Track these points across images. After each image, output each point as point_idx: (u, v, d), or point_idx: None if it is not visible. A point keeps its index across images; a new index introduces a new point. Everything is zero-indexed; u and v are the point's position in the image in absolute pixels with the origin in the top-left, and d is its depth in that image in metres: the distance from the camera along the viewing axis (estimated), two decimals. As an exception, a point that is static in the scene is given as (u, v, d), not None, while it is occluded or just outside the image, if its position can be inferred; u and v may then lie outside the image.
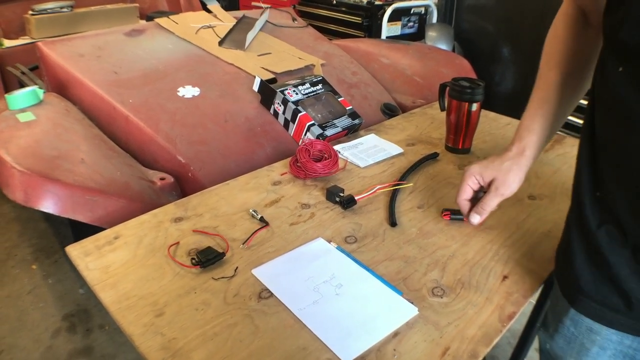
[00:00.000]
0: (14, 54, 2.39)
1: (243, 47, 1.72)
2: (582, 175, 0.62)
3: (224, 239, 0.84)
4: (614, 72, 0.54)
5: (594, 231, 0.60)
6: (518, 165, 0.76)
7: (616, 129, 0.56)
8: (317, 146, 1.07)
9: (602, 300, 0.62)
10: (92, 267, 0.78)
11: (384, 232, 0.87)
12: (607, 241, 0.59)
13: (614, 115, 0.56)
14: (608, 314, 0.62)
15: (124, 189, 1.05)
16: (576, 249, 0.64)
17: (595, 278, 0.62)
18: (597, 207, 0.60)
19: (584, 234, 0.63)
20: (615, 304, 0.60)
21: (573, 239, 0.65)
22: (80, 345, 1.72)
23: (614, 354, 0.65)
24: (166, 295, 0.72)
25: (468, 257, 0.81)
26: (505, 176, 0.77)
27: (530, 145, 0.76)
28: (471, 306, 0.71)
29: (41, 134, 1.13)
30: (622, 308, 0.60)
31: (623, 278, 0.58)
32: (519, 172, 0.77)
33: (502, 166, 0.77)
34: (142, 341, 0.65)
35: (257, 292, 0.73)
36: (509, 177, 0.77)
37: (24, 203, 0.95)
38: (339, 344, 0.64)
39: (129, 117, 1.30)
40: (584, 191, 0.62)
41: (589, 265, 0.63)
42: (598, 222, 0.60)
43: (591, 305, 0.63)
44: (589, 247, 0.62)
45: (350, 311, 0.69)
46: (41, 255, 2.15)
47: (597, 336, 0.65)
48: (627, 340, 0.63)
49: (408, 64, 1.87)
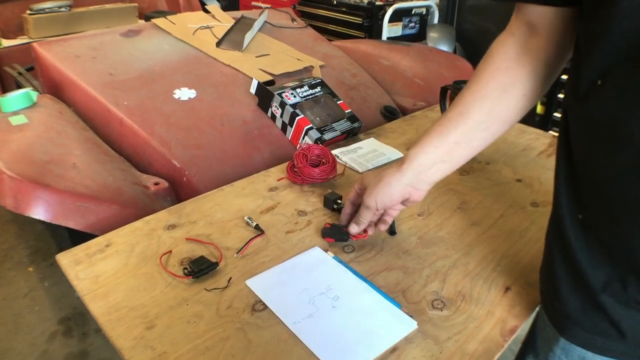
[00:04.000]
0: (11, 53, 2.37)
1: (241, 48, 1.70)
2: (561, 197, 0.58)
3: (217, 247, 0.82)
4: (593, 87, 0.49)
5: (577, 255, 0.57)
6: (391, 178, 0.72)
7: (597, 150, 0.51)
8: (315, 151, 1.05)
9: (592, 328, 0.58)
10: (82, 276, 0.76)
11: (382, 241, 0.85)
12: (591, 266, 0.56)
13: (594, 134, 0.51)
14: (599, 341, 0.58)
15: (117, 194, 1.03)
16: (560, 273, 0.60)
17: (583, 305, 0.58)
18: (580, 230, 0.57)
19: (567, 258, 0.59)
20: (607, 331, 0.57)
21: (556, 260, 0.61)
22: (76, 349, 1.70)
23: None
24: (157, 306, 0.70)
25: (469, 268, 0.79)
26: (374, 187, 0.74)
27: (409, 159, 0.71)
28: (472, 320, 0.69)
29: (33, 138, 1.11)
30: (613, 335, 0.56)
31: (608, 306, 0.55)
32: (390, 186, 0.72)
33: (378, 176, 0.74)
34: (131, 355, 0.63)
35: (250, 304, 0.70)
36: (376, 189, 0.73)
37: (14, 210, 0.93)
38: (335, 360, 0.61)
39: (123, 119, 1.28)
40: (564, 213, 0.58)
41: (574, 290, 0.59)
42: (582, 246, 0.56)
43: (581, 334, 0.59)
44: (573, 271, 0.58)
45: (347, 325, 0.67)
46: (38, 258, 2.13)
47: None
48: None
49: (409, 66, 1.85)
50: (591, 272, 0.56)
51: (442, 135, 0.69)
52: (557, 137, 0.61)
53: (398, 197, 0.73)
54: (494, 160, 1.13)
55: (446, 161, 0.70)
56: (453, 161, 0.70)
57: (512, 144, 1.22)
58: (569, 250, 0.58)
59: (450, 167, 0.71)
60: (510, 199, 0.99)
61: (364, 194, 0.76)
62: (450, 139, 0.68)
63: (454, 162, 0.71)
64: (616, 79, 0.47)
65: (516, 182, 1.05)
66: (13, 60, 2.17)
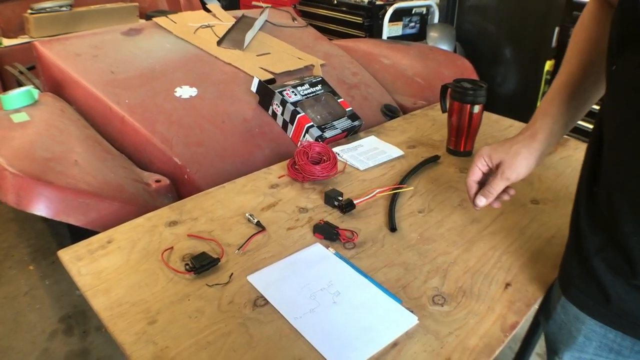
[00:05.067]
0: (12, 52, 2.37)
1: (242, 47, 1.70)
2: (583, 172, 0.65)
3: (219, 244, 0.82)
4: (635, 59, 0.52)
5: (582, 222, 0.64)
6: (527, 149, 0.73)
7: (626, 122, 0.55)
8: (316, 148, 1.05)
9: (585, 289, 0.64)
10: (84, 272, 0.77)
11: (383, 238, 0.85)
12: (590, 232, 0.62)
13: (627, 107, 0.54)
14: (590, 304, 0.64)
15: (118, 191, 1.03)
16: (569, 239, 0.68)
17: (580, 267, 0.64)
18: (590, 201, 0.63)
19: (575, 226, 0.66)
20: (596, 295, 0.62)
21: (570, 228, 0.68)
22: (77, 347, 1.70)
23: (600, 346, 0.66)
24: (159, 302, 0.70)
25: (470, 264, 0.79)
26: (513, 159, 0.73)
27: (543, 129, 0.73)
28: (472, 315, 0.69)
29: (35, 135, 1.11)
30: (601, 299, 0.62)
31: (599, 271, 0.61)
32: (528, 156, 0.73)
33: (511, 149, 0.74)
34: (133, 350, 0.63)
35: (252, 300, 0.71)
36: (516, 161, 0.73)
37: (16, 206, 0.93)
38: (336, 355, 0.62)
39: (124, 117, 1.28)
40: (582, 185, 0.64)
41: (575, 254, 0.65)
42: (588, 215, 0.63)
43: (577, 294, 0.66)
44: (576, 235, 0.65)
45: (348, 320, 0.67)
46: (38, 256, 2.13)
47: (583, 325, 0.66)
48: (610, 334, 0.64)
49: (409, 65, 1.85)
50: (590, 237, 0.62)
51: (563, 102, 0.72)
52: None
53: (533, 167, 0.74)
54: (494, 158, 1.14)
55: (569, 125, 0.74)
56: (573, 123, 0.75)
57: (512, 142, 1.22)
58: (578, 218, 0.64)
59: (566, 131, 0.75)
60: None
61: (493, 169, 0.76)
62: (572, 104, 0.72)
63: (573, 124, 0.75)
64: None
65: (516, 179, 1.05)
66: (14, 60, 2.17)
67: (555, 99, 0.73)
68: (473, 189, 0.79)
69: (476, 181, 0.79)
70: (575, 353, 0.69)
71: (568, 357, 0.70)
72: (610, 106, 0.58)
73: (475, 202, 0.77)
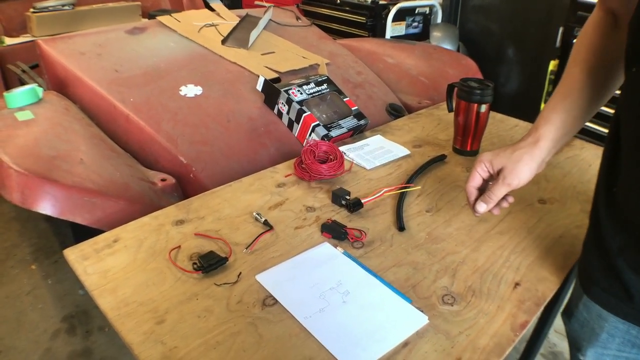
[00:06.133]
0: (15, 51, 2.37)
1: (246, 45, 1.69)
2: (601, 173, 0.66)
3: (226, 243, 0.82)
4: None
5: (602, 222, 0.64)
6: (530, 155, 0.73)
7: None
8: (323, 147, 1.05)
9: (607, 288, 0.65)
10: (91, 271, 0.76)
11: (391, 237, 0.85)
12: (612, 232, 0.63)
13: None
14: (613, 301, 0.64)
15: (124, 190, 1.03)
16: (588, 238, 0.69)
17: (602, 266, 0.65)
18: (610, 201, 0.63)
19: (595, 224, 0.67)
20: (619, 293, 0.63)
21: (589, 227, 0.69)
22: (79, 347, 1.69)
23: (622, 343, 0.67)
24: (167, 301, 0.70)
25: (478, 264, 0.79)
26: (515, 165, 0.73)
27: (546, 136, 0.72)
28: (482, 315, 0.69)
29: (39, 133, 1.11)
30: (624, 297, 0.62)
31: (622, 270, 0.61)
32: (530, 163, 0.73)
33: (513, 155, 0.74)
34: (141, 350, 0.62)
35: (261, 299, 0.70)
36: (518, 167, 0.73)
37: (21, 204, 0.92)
38: (347, 354, 0.61)
39: (129, 116, 1.28)
40: (600, 188, 0.65)
41: (597, 253, 0.66)
42: (608, 214, 0.64)
43: (599, 293, 0.67)
44: (597, 236, 0.66)
45: (358, 320, 0.67)
46: (41, 256, 2.13)
47: (605, 323, 0.67)
48: (633, 330, 0.65)
49: (413, 64, 1.85)
50: (611, 237, 0.63)
51: (566, 110, 0.72)
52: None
53: (534, 174, 0.74)
54: (501, 158, 1.13)
55: (572, 131, 0.74)
56: (575, 130, 0.75)
57: (518, 141, 1.22)
58: (598, 217, 0.65)
59: (573, 135, 0.75)
60: (517, 195, 0.98)
61: (494, 174, 0.76)
62: (573, 114, 0.72)
63: (575, 131, 0.75)
64: None
65: (523, 179, 1.05)
66: (16, 59, 2.17)
67: (558, 107, 0.73)
68: (473, 195, 0.78)
69: (476, 187, 0.78)
70: (598, 350, 0.70)
71: (592, 353, 0.71)
72: (630, 108, 0.58)
73: (475, 208, 0.77)
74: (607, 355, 0.70)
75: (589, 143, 1.22)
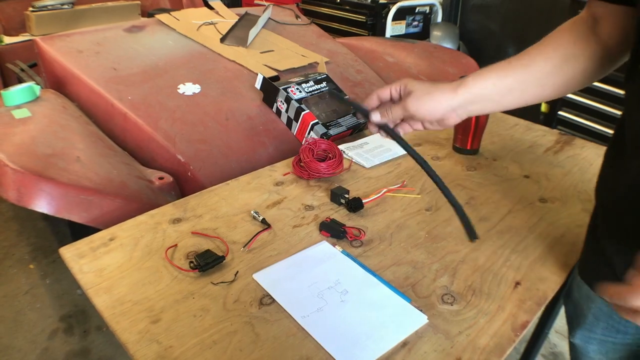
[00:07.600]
0: (13, 50, 2.36)
1: (245, 44, 1.69)
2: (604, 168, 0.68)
3: (223, 241, 0.81)
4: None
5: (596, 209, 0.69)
6: (443, 95, 0.71)
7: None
8: (322, 145, 1.04)
9: (596, 269, 0.69)
10: (86, 269, 0.75)
11: (390, 236, 0.84)
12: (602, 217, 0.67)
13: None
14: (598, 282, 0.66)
15: (121, 188, 1.02)
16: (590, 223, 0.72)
17: (593, 249, 0.69)
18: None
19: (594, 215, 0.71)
20: (606, 274, 0.65)
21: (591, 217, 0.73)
22: (77, 347, 1.69)
23: (607, 328, 0.71)
24: (163, 300, 0.69)
25: (479, 263, 0.78)
26: (422, 95, 0.71)
27: (469, 86, 0.70)
28: (483, 314, 0.68)
29: (36, 131, 1.10)
30: (611, 278, 0.62)
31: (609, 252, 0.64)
32: (439, 100, 0.71)
33: (428, 88, 0.72)
34: (137, 349, 0.62)
35: (258, 298, 0.69)
36: (424, 98, 0.71)
37: (17, 202, 0.91)
38: (345, 354, 0.60)
39: (127, 114, 1.27)
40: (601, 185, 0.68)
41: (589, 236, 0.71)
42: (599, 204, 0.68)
43: (588, 274, 0.71)
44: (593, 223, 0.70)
45: (356, 319, 0.66)
46: (39, 255, 2.12)
47: (592, 304, 0.71)
48: (615, 315, 0.68)
49: (413, 63, 1.84)
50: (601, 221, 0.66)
51: (500, 77, 0.71)
52: (564, 134, 0.71)
53: (439, 117, 0.72)
54: (500, 157, 1.12)
55: (496, 101, 0.72)
56: (500, 104, 0.73)
57: (518, 140, 1.21)
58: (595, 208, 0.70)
59: (495, 107, 0.74)
60: (518, 194, 0.98)
61: (403, 94, 0.74)
62: (507, 82, 0.71)
63: (500, 105, 0.73)
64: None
65: (524, 178, 1.04)
66: (15, 57, 2.16)
67: (498, 69, 0.71)
68: (372, 102, 0.77)
69: (380, 97, 0.76)
70: (585, 332, 0.74)
71: (580, 335, 0.76)
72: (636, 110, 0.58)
73: (370, 116, 0.75)
74: (594, 338, 0.73)
75: (590, 142, 1.21)
